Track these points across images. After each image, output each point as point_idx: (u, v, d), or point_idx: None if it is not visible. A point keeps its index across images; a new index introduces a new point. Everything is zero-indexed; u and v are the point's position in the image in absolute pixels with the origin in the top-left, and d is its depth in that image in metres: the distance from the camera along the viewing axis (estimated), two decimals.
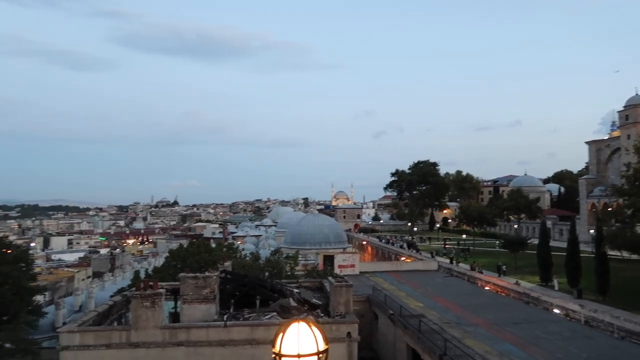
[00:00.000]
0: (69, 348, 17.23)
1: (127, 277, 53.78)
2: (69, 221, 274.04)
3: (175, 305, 21.87)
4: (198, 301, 20.08)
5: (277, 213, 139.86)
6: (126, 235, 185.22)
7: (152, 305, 17.55)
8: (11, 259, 28.20)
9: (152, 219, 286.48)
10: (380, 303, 29.99)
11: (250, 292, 23.23)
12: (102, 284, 50.87)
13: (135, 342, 17.43)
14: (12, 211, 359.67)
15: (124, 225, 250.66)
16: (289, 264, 41.40)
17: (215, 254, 41.72)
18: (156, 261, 65.96)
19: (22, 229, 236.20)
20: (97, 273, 77.46)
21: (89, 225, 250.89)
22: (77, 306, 43.26)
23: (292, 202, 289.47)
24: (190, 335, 17.92)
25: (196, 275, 21.15)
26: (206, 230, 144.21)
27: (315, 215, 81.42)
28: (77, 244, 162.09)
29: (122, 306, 22.42)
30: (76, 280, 72.56)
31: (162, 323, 18.16)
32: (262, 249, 71.84)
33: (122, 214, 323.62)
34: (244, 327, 18.37)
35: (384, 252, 72.40)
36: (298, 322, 3.38)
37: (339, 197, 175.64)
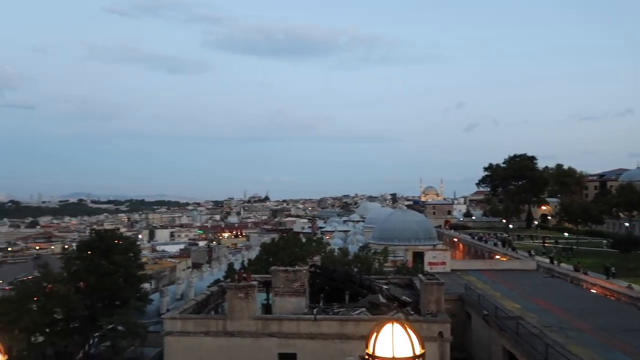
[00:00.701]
0: (172, 333, 18.46)
1: (222, 268, 56.43)
2: (171, 215, 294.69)
3: (268, 297, 22.58)
4: (289, 294, 20.55)
5: (365, 208, 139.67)
6: (221, 228, 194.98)
7: (245, 296, 18.26)
8: (122, 249, 30.72)
9: (245, 214, 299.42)
10: (474, 302, 28.78)
11: (339, 287, 23.36)
12: (200, 275, 53.89)
13: (230, 331, 18.25)
14: (122, 205, 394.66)
15: (220, 219, 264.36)
16: (378, 260, 41.11)
17: (305, 249, 42.59)
18: (249, 254, 68.71)
19: (131, 222, 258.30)
20: (196, 264, 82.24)
21: (189, 219, 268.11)
22: (179, 294, 46.17)
23: (380, 198, 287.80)
24: (281, 327, 18.41)
25: (287, 268, 21.66)
26: (296, 225, 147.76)
27: (403, 211, 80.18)
28: (178, 236, 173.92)
29: (219, 296, 23.58)
30: (178, 270, 77.75)
31: (255, 314, 18.84)
32: (350, 244, 72.11)
33: (218, 208, 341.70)
34: (334, 321, 18.51)
35: (477, 250, 69.50)
36: (392, 323, 3.24)
37: (428, 193, 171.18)
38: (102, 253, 29.07)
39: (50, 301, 26.20)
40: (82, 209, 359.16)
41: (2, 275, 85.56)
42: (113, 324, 27.22)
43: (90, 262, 28.76)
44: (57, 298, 26.21)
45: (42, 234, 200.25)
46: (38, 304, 26.53)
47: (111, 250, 29.51)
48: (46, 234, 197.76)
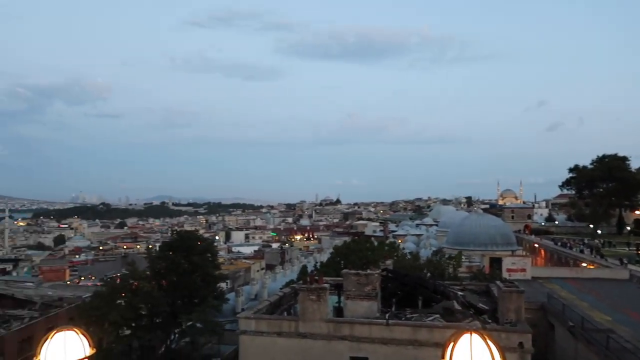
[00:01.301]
0: (246, 332, 18.94)
1: (295, 270, 57.28)
2: (246, 217, 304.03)
3: (339, 300, 22.54)
4: (360, 298, 20.39)
5: (439, 212, 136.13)
6: (294, 231, 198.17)
7: (317, 298, 18.34)
8: (201, 250, 32.04)
9: (316, 217, 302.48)
10: (558, 313, 27.01)
11: (412, 292, 22.86)
12: (273, 276, 55.03)
13: (302, 332, 18.40)
14: (201, 208, 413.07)
15: (292, 222, 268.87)
16: (452, 265, 39.84)
17: (377, 252, 42.15)
18: (321, 256, 69.16)
19: (209, 223, 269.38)
20: (270, 265, 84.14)
21: (262, 221, 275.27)
22: (253, 295, 47.42)
23: (454, 201, 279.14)
24: (353, 330, 18.29)
25: (358, 272, 21.52)
26: (367, 228, 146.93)
27: (479, 215, 77.17)
28: (252, 238, 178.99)
29: (291, 298, 23.88)
30: (252, 271, 79.90)
31: (327, 316, 18.87)
32: (423, 248, 70.54)
33: (290, 211, 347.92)
34: (407, 327, 18.10)
35: (560, 257, 65.32)
36: (471, 333, 3.04)
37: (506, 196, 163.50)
38: (183, 253, 30.45)
39: (135, 297, 27.81)
40: (165, 211, 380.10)
41: (95, 272, 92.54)
42: (192, 321, 28.43)
43: (171, 261, 30.24)
44: (142, 295, 27.77)
45: (129, 234, 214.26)
46: (125, 300, 28.26)
47: (191, 250, 30.83)
48: (132, 234, 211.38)
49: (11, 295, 40.70)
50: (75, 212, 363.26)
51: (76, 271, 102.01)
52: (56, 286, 50.64)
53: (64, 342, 4.37)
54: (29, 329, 33.69)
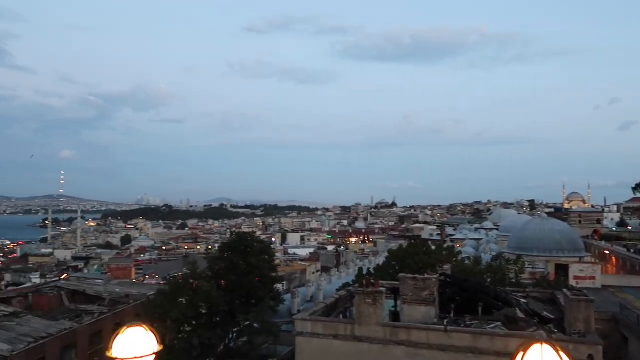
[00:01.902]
0: (302, 334, 19.05)
1: (350, 273, 57.16)
2: (301, 220, 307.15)
3: (395, 305, 22.21)
4: (417, 303, 20.00)
5: (499, 216, 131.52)
6: (349, 234, 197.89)
7: (373, 302, 18.16)
8: (258, 251, 32.61)
9: (372, 219, 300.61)
10: (632, 324, 25.27)
11: (471, 298, 22.15)
12: (329, 278, 55.16)
13: (358, 336, 18.26)
14: (258, 210, 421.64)
15: (347, 225, 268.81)
16: (514, 271, 38.29)
17: (434, 256, 41.26)
18: (376, 260, 68.61)
19: (265, 225, 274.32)
20: (325, 267, 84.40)
21: (318, 223, 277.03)
22: (309, 297, 47.71)
23: (516, 204, 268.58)
24: (410, 335, 17.94)
25: (415, 276, 21.13)
26: (424, 231, 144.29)
27: (543, 219, 73.73)
28: (308, 240, 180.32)
29: (347, 301, 23.80)
30: (308, 273, 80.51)
31: (383, 320, 18.64)
32: (482, 253, 68.35)
33: (345, 214, 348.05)
34: (466, 334, 17.54)
35: (634, 265, 61.18)
36: (541, 344, 2.86)
37: (573, 199, 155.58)
38: (241, 254, 31.11)
39: (196, 296, 28.69)
40: (223, 213, 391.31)
41: (158, 271, 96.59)
42: (249, 321, 28.95)
43: (230, 262, 30.98)
44: (202, 294, 28.61)
45: (190, 235, 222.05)
46: (186, 299, 29.22)
47: (249, 251, 31.44)
48: (193, 235, 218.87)
49: (83, 291, 43.18)
50: (141, 213, 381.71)
51: (141, 270, 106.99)
52: (123, 284, 53.22)
53: (134, 338, 4.56)
54: (99, 323, 35.60)
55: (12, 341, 28.83)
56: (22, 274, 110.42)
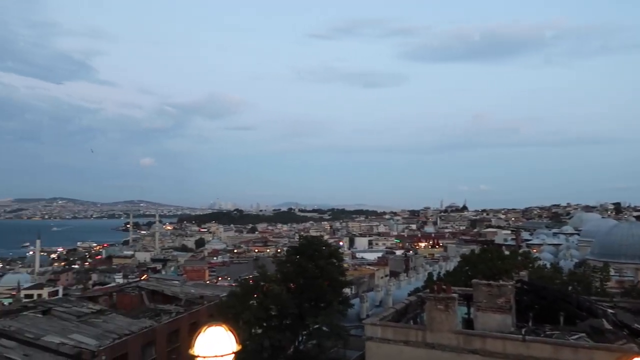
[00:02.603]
0: (372, 339, 18.82)
1: (420, 278, 55.99)
2: (369, 224, 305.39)
3: (468, 312, 21.41)
4: (492, 310, 19.14)
5: (580, 219, 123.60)
6: (418, 238, 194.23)
7: (445, 308, 17.59)
8: (326, 255, 32.70)
9: (441, 223, 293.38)
10: None
11: (551, 307, 20.87)
12: (398, 283, 54.35)
13: (430, 342, 17.76)
14: (325, 214, 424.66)
15: (416, 229, 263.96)
16: (599, 279, 35.74)
17: (508, 262, 39.46)
18: (447, 265, 66.77)
19: (333, 229, 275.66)
20: (394, 272, 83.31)
21: (385, 227, 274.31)
22: (378, 301, 47.24)
23: (599, 208, 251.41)
24: (485, 344, 17.19)
25: (490, 282, 20.24)
26: (497, 236, 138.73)
27: (632, 223, 68.36)
28: (375, 244, 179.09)
29: (417, 306, 23.26)
30: (376, 278, 79.82)
31: (455, 327, 18.01)
32: (562, 259, 64.50)
33: (414, 218, 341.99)
34: (547, 344, 16.53)
35: None
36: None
37: None
38: (309, 257, 31.35)
39: (266, 299, 29.23)
40: (291, 217, 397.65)
41: (230, 273, 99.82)
42: (318, 324, 29.07)
43: (298, 265, 31.30)
44: (272, 296, 29.11)
45: (260, 239, 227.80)
46: (257, 301, 29.85)
47: (317, 255, 31.62)
48: (263, 239, 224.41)
49: (161, 291, 45.40)
50: (213, 217, 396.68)
51: (214, 272, 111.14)
52: (198, 285, 55.44)
53: (215, 337, 4.68)
54: (175, 322, 37.25)
55: (98, 337, 30.84)
56: (107, 274, 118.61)
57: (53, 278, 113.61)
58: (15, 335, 28.30)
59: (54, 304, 37.69)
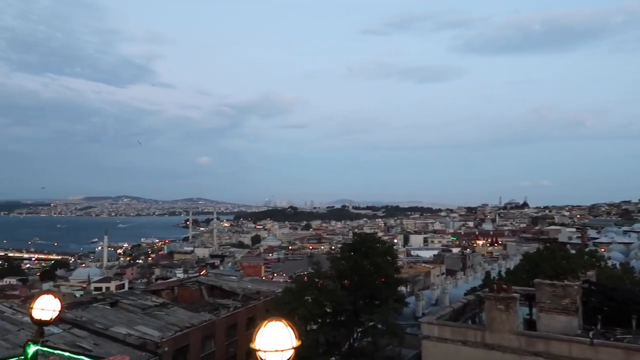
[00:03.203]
0: (429, 338, 18.49)
1: (477, 277, 54.48)
2: (424, 221, 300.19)
3: (530, 312, 20.58)
4: (557, 311, 18.27)
5: None
6: (475, 236, 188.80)
7: (506, 308, 16.98)
8: (381, 252, 32.44)
9: (500, 221, 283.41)
10: None
11: (622, 309, 19.66)
12: (455, 282, 53.08)
13: (490, 343, 17.21)
14: (379, 211, 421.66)
15: (473, 226, 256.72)
16: None
17: (574, 261, 37.59)
18: (507, 264, 64.54)
19: (387, 226, 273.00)
20: (450, 270, 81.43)
21: (441, 225, 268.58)
22: (434, 300, 46.34)
23: None
24: (549, 346, 16.45)
25: (554, 282, 19.32)
26: (561, 234, 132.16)
27: None
28: (431, 242, 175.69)
29: (475, 306, 22.61)
30: (432, 276, 78.31)
31: (517, 329, 17.35)
32: (633, 259, 60.71)
33: (471, 215, 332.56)
34: (617, 349, 15.60)
35: None
36: None
37: None
38: (364, 254, 31.21)
39: (321, 295, 29.39)
40: (345, 214, 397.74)
41: (285, 269, 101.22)
42: (373, 321, 28.89)
43: (353, 262, 31.22)
44: (327, 293, 29.23)
45: (314, 236, 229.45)
46: (312, 297, 30.07)
47: (371, 252, 31.42)
48: (317, 236, 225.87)
49: (220, 286, 46.81)
50: (268, 214, 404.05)
51: (270, 268, 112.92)
52: (254, 280, 56.70)
53: (275, 332, 4.74)
54: (233, 317, 38.28)
55: (161, 329, 32.20)
56: (169, 269, 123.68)
57: (119, 272, 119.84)
58: (87, 326, 30.08)
59: (120, 296, 39.79)
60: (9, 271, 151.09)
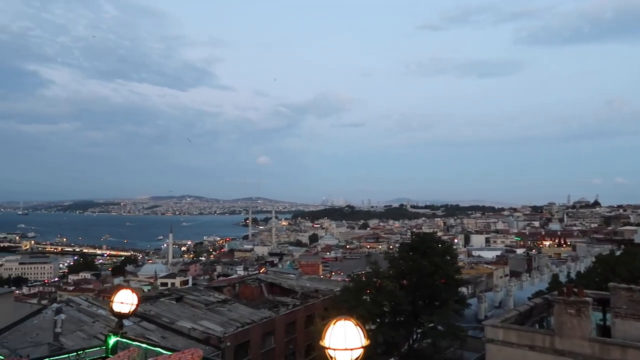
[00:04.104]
0: (493, 341, 17.82)
1: (544, 279, 52.07)
2: (486, 220, 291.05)
3: (604, 318, 19.38)
4: (635, 317, 17.08)
5: None
6: (541, 236, 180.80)
7: (577, 313, 16.04)
8: (440, 252, 31.71)
9: (568, 220, 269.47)
10: None
11: None
12: (519, 284, 50.96)
13: (560, 349, 16.33)
14: (438, 210, 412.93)
15: (539, 226, 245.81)
16: None
17: None
18: (576, 266, 61.22)
19: (447, 226, 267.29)
20: (514, 272, 78.47)
21: (504, 224, 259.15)
22: (497, 302, 44.72)
23: None
24: (626, 355, 15.38)
25: (631, 287, 18.08)
26: (637, 235, 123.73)
27: None
28: (493, 242, 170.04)
29: (543, 309, 21.57)
30: (495, 277, 75.75)
31: (589, 335, 16.36)
32: None
33: (537, 214, 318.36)
34: None
35: None
36: None
37: None
38: (423, 254, 30.63)
39: (380, 295, 29.13)
40: (403, 213, 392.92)
41: (342, 268, 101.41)
42: (433, 322, 28.28)
43: (412, 262, 30.72)
44: (385, 292, 28.92)
45: (372, 235, 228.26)
46: (370, 296, 29.87)
47: (430, 252, 30.79)
48: (374, 235, 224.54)
49: (279, 284, 47.56)
50: (325, 213, 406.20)
51: (327, 266, 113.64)
52: (312, 279, 57.18)
53: (345, 330, 4.74)
54: (292, 314, 38.77)
55: (224, 324, 33.16)
56: (230, 266, 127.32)
57: (184, 268, 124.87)
58: (154, 319, 31.50)
59: (185, 292, 41.35)
60: (84, 266, 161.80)
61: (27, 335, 27.58)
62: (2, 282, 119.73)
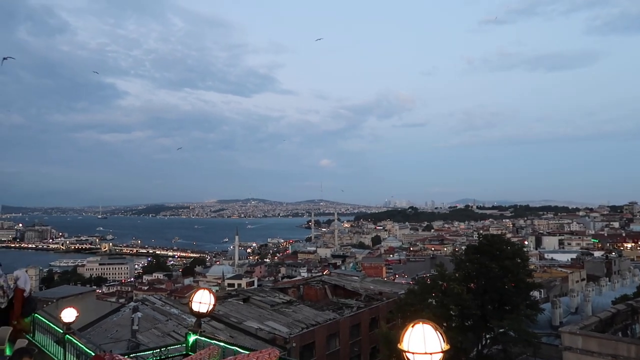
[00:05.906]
0: (571, 349, 16.84)
1: (626, 284, 48.76)
2: (559, 221, 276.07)
3: None
4: None
5: None
6: (622, 238, 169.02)
7: None
8: (510, 254, 30.45)
9: None
10: None
11: None
12: (598, 289, 47.95)
13: None
14: (507, 211, 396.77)
15: (619, 227, 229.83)
16: None
17: None
18: None
19: (516, 227, 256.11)
20: (591, 276, 74.05)
21: (579, 226, 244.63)
22: (573, 308, 42.37)
23: None
24: None
25: None
26: None
27: None
28: (567, 244, 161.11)
29: (627, 316, 20.14)
30: (570, 282, 71.81)
31: None
32: None
33: (616, 214, 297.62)
34: None
35: None
36: None
37: None
38: (491, 257, 29.56)
39: (446, 298, 28.40)
40: (469, 215, 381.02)
41: (406, 271, 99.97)
42: (504, 328, 27.18)
43: (480, 264, 29.72)
44: (452, 296, 28.15)
45: (436, 237, 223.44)
46: (436, 300, 29.19)
47: (499, 254, 29.66)
48: (439, 237, 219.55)
49: (342, 286, 47.64)
50: (388, 215, 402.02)
51: (391, 269, 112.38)
52: (376, 281, 56.74)
53: (424, 334, 4.66)
54: (357, 316, 38.67)
55: (289, 325, 33.64)
56: (294, 267, 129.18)
57: (249, 270, 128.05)
58: (223, 319, 32.52)
59: (252, 293, 42.41)
60: (157, 267, 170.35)
61: (107, 332, 29.36)
62: (85, 281, 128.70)
